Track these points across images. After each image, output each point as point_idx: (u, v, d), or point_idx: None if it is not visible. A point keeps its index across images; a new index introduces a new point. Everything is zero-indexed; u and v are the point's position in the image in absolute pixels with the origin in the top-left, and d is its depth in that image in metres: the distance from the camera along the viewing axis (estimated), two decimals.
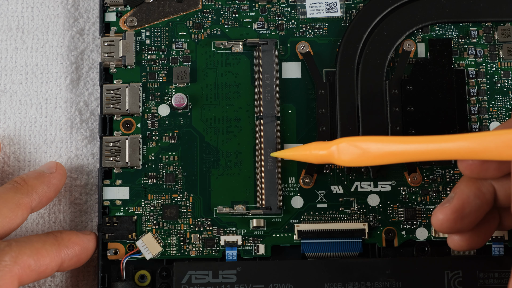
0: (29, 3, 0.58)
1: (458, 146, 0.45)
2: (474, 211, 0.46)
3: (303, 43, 0.56)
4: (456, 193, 0.47)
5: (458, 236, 0.48)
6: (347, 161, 0.49)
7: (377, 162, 0.48)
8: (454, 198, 0.47)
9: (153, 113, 0.55)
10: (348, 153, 0.48)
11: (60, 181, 0.54)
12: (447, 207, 0.47)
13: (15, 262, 0.48)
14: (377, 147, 0.47)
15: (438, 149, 0.46)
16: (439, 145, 0.46)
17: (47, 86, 0.57)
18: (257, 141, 0.55)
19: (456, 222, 0.47)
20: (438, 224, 0.47)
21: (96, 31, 0.58)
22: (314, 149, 0.51)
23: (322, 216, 0.54)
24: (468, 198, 0.46)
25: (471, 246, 0.48)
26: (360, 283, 0.52)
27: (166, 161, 0.55)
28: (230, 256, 0.53)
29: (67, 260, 0.51)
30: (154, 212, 0.54)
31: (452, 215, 0.47)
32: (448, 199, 0.47)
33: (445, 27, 0.56)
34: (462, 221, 0.47)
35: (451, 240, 0.49)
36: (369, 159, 0.48)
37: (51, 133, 0.57)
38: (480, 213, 0.47)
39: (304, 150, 0.51)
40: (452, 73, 0.55)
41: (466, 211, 0.46)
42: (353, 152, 0.48)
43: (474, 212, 0.46)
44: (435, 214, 0.47)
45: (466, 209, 0.46)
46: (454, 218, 0.47)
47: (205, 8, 0.57)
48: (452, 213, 0.47)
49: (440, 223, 0.47)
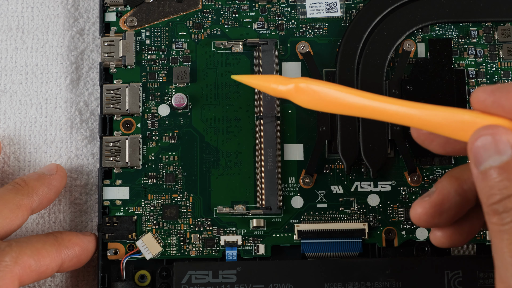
0: (29, 3, 0.58)
1: (409, 112, 0.45)
2: (453, 207, 0.46)
3: (303, 43, 0.56)
4: (438, 188, 0.46)
5: (440, 232, 0.48)
6: (302, 102, 0.48)
7: (331, 109, 0.47)
8: (434, 193, 0.46)
9: (153, 113, 0.55)
10: (304, 93, 0.48)
11: (61, 183, 0.54)
12: (427, 201, 0.46)
13: (15, 262, 0.48)
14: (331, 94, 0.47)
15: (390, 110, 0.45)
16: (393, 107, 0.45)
17: (47, 86, 0.57)
18: (257, 141, 0.55)
19: (434, 217, 0.46)
20: (416, 217, 0.47)
21: (96, 31, 0.58)
22: (274, 82, 0.49)
23: (322, 216, 0.54)
24: (449, 194, 0.46)
25: (453, 243, 0.48)
26: (360, 283, 0.52)
27: (166, 161, 0.55)
28: (230, 256, 0.53)
29: (67, 261, 0.51)
30: (154, 212, 0.54)
31: (430, 209, 0.46)
32: (428, 193, 0.47)
33: (445, 27, 0.56)
34: (440, 216, 0.46)
35: (433, 235, 0.48)
36: (322, 104, 0.47)
37: (51, 133, 0.57)
38: (459, 210, 0.46)
39: (264, 81, 0.50)
40: (452, 73, 0.55)
41: (445, 206, 0.46)
42: (309, 94, 0.48)
43: (453, 209, 0.46)
44: (414, 207, 0.47)
45: (445, 205, 0.46)
46: (432, 212, 0.46)
47: (205, 8, 0.57)
48: (431, 207, 0.46)
49: (418, 217, 0.47)
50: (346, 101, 0.47)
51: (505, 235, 0.40)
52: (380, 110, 0.46)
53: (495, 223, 0.41)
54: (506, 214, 0.40)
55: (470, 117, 0.43)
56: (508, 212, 0.40)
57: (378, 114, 0.46)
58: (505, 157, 0.41)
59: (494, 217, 0.41)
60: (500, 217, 0.41)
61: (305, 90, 0.47)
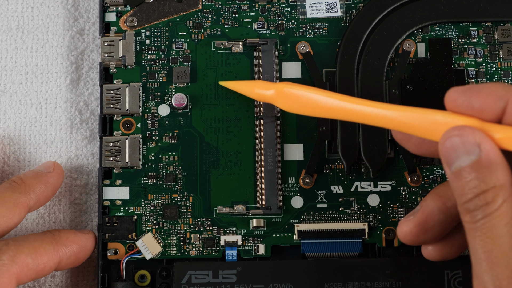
0: (29, 3, 0.58)
1: (384, 114, 0.46)
2: (437, 225, 0.47)
3: (303, 43, 0.56)
4: (422, 207, 0.48)
5: (431, 246, 0.49)
6: (285, 106, 0.50)
7: (311, 113, 0.49)
8: (418, 212, 0.48)
9: (153, 113, 0.55)
10: (285, 98, 0.50)
11: (58, 180, 0.54)
12: (411, 220, 0.48)
13: (13, 261, 0.48)
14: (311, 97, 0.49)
15: (366, 112, 0.47)
16: (368, 109, 0.47)
17: (47, 86, 0.57)
18: (257, 141, 0.55)
19: (419, 235, 0.48)
20: (402, 236, 0.48)
21: (96, 31, 0.58)
22: (257, 87, 0.52)
23: (322, 216, 0.54)
24: (432, 212, 0.47)
25: (444, 256, 0.49)
26: (360, 283, 0.52)
27: (166, 161, 0.55)
28: (230, 256, 0.53)
29: (65, 259, 0.51)
30: (154, 212, 0.54)
31: (415, 229, 0.47)
32: (413, 212, 0.48)
33: (445, 27, 0.56)
34: (425, 234, 0.48)
35: (425, 249, 0.50)
36: (303, 108, 0.49)
37: (51, 133, 0.57)
38: (444, 228, 0.48)
39: (249, 86, 0.53)
40: (452, 73, 0.55)
41: (429, 225, 0.47)
42: (290, 98, 0.50)
43: (437, 227, 0.47)
44: (400, 226, 0.48)
45: (429, 223, 0.47)
46: (417, 231, 0.47)
47: (205, 8, 0.57)
48: (415, 226, 0.47)
49: (404, 235, 0.48)
50: (324, 104, 0.49)
51: (477, 233, 0.41)
52: (357, 112, 0.47)
53: (468, 221, 0.42)
54: (476, 212, 0.41)
55: (442, 117, 0.45)
56: (478, 209, 0.41)
57: (355, 116, 0.48)
58: (473, 156, 0.42)
59: (466, 216, 0.42)
60: (471, 215, 0.42)
61: (286, 94, 0.50)
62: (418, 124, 0.45)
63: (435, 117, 0.45)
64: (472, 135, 0.42)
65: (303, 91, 0.49)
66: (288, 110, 0.50)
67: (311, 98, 0.49)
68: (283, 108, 0.50)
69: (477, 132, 0.42)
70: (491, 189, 0.41)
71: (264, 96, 0.51)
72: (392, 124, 0.46)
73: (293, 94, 0.50)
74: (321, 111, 0.49)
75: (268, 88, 0.51)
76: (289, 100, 0.50)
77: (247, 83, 0.53)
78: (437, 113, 0.45)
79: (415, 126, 0.45)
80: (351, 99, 0.48)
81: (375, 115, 0.47)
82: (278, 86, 0.51)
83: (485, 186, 0.41)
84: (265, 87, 0.52)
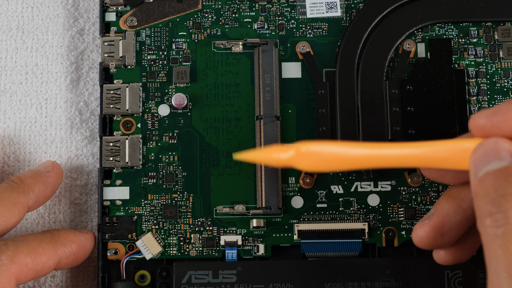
0: (29, 3, 0.58)
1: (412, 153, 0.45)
2: (454, 228, 0.46)
3: (303, 43, 0.56)
4: (437, 210, 0.46)
5: (443, 251, 0.48)
6: (307, 166, 0.48)
7: (336, 167, 0.47)
8: (434, 215, 0.46)
9: (153, 113, 0.55)
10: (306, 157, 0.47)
11: (57, 180, 0.54)
12: (427, 224, 0.46)
13: (12, 261, 0.48)
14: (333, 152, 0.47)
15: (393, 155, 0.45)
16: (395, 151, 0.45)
17: (47, 86, 0.57)
18: (257, 141, 0.55)
19: (436, 239, 0.46)
20: (418, 241, 0.47)
21: (96, 31, 0.58)
22: (274, 152, 0.49)
23: (322, 216, 0.54)
24: (448, 215, 0.46)
25: (457, 260, 0.48)
26: (360, 283, 0.52)
27: (166, 161, 0.55)
28: (230, 256, 0.53)
29: (64, 258, 0.51)
30: (154, 212, 0.54)
31: (431, 232, 0.46)
32: (428, 215, 0.47)
33: (445, 27, 0.56)
34: (442, 238, 0.46)
35: (437, 254, 0.48)
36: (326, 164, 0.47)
37: (51, 133, 0.57)
38: (461, 230, 0.46)
39: (265, 153, 0.50)
40: (452, 73, 0.55)
41: (446, 228, 0.46)
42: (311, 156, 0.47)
43: (454, 229, 0.46)
44: (415, 231, 0.47)
45: (446, 226, 0.46)
46: (434, 235, 0.46)
47: (205, 8, 0.57)
48: (432, 230, 0.46)
49: (420, 240, 0.47)
50: (348, 156, 0.46)
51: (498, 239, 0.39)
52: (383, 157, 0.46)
53: (489, 226, 0.40)
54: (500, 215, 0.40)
55: (472, 145, 0.43)
56: (502, 212, 0.40)
57: (381, 162, 0.46)
58: (504, 162, 0.41)
59: (487, 219, 0.40)
60: (493, 218, 0.40)
61: (306, 153, 0.47)
62: (449, 157, 0.44)
63: (465, 145, 0.44)
64: (507, 143, 0.41)
65: (324, 148, 0.47)
66: (312, 170, 0.48)
67: (333, 153, 0.47)
68: (306, 169, 0.48)
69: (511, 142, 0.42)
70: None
71: (283, 160, 0.48)
72: (422, 162, 0.45)
73: (313, 153, 0.47)
74: (346, 164, 0.47)
75: (286, 151, 0.48)
76: (311, 159, 0.47)
77: (263, 151, 0.50)
78: (466, 142, 0.44)
79: (446, 159, 0.44)
80: (374, 145, 0.46)
81: (402, 156, 0.45)
82: (296, 147, 0.48)
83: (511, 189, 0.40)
84: (283, 150, 0.48)
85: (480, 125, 0.43)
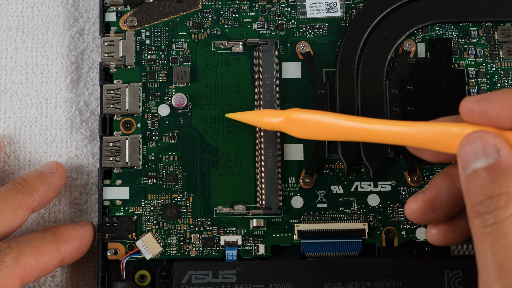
0: (29, 3, 0.58)
1: (399, 131, 0.46)
2: (445, 204, 0.47)
3: (303, 43, 0.56)
4: (431, 185, 0.48)
5: (435, 230, 0.49)
6: (296, 132, 0.50)
7: (323, 137, 0.49)
8: (428, 190, 0.48)
9: (153, 113, 0.55)
10: (296, 124, 0.50)
11: (61, 181, 0.54)
12: (420, 198, 0.48)
13: (16, 262, 0.48)
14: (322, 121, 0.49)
15: (381, 131, 0.47)
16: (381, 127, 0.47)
17: (47, 86, 0.57)
18: (257, 141, 0.55)
19: (426, 213, 0.48)
20: (410, 213, 0.48)
21: (96, 31, 0.58)
22: (266, 116, 0.51)
23: (322, 216, 0.54)
24: (442, 191, 0.47)
25: (447, 241, 0.49)
26: (360, 283, 0.52)
27: (166, 161, 0.55)
28: (230, 256, 0.53)
29: (68, 255, 0.51)
30: (154, 212, 0.54)
31: (423, 206, 0.48)
32: (422, 190, 0.48)
33: (445, 27, 0.56)
34: (432, 212, 0.48)
35: (428, 232, 0.50)
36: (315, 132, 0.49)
37: (51, 133, 0.57)
38: (452, 207, 0.47)
39: (256, 115, 0.52)
40: (452, 73, 0.55)
41: (437, 203, 0.47)
42: (300, 124, 0.49)
43: (445, 205, 0.47)
44: (408, 203, 0.48)
45: (438, 202, 0.47)
46: (425, 209, 0.48)
47: (205, 8, 0.57)
48: (424, 204, 0.47)
49: (412, 213, 0.48)
50: (336, 127, 0.48)
51: (487, 239, 0.41)
52: (370, 132, 0.47)
53: (477, 226, 0.41)
54: (488, 216, 0.41)
55: (458, 130, 0.45)
56: (490, 213, 0.41)
57: (368, 136, 0.48)
58: (491, 159, 0.42)
59: (476, 219, 0.41)
60: (482, 218, 0.41)
61: (296, 120, 0.50)
62: (434, 139, 0.45)
63: (451, 129, 0.45)
64: (493, 139, 0.42)
65: (313, 116, 0.49)
66: (300, 137, 0.50)
67: (322, 122, 0.49)
68: (294, 134, 0.50)
69: (498, 137, 0.42)
70: (505, 193, 0.41)
71: (273, 124, 0.51)
72: (407, 141, 0.46)
73: (303, 120, 0.49)
74: (333, 135, 0.49)
75: (277, 115, 0.51)
76: (300, 127, 0.49)
77: (255, 113, 0.53)
78: (453, 126, 0.45)
79: (431, 140, 0.45)
80: (362, 119, 0.48)
81: (389, 133, 0.47)
82: (287, 113, 0.50)
83: (499, 190, 0.41)
84: (274, 115, 0.51)
85: (468, 108, 0.44)
